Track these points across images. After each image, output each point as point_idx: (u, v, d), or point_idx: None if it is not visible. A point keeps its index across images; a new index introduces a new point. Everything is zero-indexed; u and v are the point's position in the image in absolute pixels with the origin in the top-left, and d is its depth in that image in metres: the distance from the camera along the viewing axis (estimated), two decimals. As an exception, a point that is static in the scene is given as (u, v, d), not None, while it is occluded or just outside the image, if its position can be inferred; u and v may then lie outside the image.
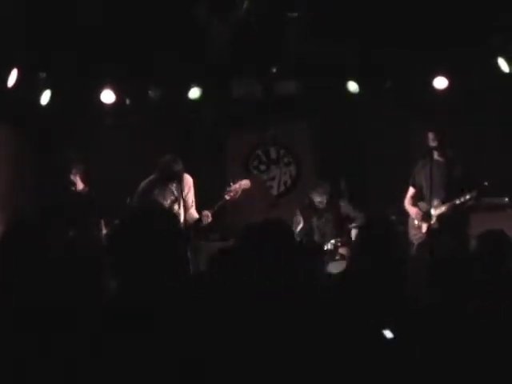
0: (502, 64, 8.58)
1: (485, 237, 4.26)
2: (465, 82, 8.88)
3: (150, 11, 8.14)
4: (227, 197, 7.19)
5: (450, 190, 7.33)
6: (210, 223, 7.17)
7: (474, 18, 8.15)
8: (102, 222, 8.17)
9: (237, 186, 7.26)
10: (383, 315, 3.43)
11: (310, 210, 8.81)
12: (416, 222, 7.66)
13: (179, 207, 7.09)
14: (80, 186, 8.57)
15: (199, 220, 7.09)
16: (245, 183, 7.33)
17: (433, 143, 7.31)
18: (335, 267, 8.20)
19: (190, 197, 7.16)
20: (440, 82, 9.00)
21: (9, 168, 9.77)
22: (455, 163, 7.44)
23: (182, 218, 7.00)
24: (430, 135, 7.33)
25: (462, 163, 7.44)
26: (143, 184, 7.19)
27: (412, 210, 7.69)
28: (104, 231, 8.07)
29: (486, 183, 7.16)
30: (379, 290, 3.60)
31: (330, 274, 8.18)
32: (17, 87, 8.49)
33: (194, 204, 7.16)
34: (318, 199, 8.77)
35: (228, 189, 7.23)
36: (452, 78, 8.92)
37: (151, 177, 7.19)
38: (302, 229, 8.88)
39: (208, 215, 7.05)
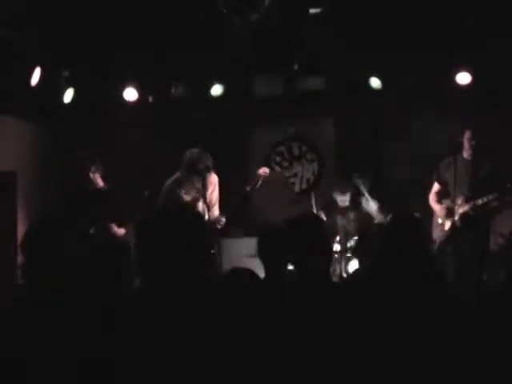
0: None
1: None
2: (488, 79, 8.82)
3: (173, 9, 8.14)
4: (248, 188, 7.16)
5: (474, 189, 7.29)
6: (230, 221, 7.13)
7: (497, 14, 8.10)
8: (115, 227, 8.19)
9: (256, 175, 7.24)
10: (411, 310, 3.42)
11: (333, 208, 8.80)
12: (439, 220, 7.63)
13: (203, 204, 7.06)
14: (100, 184, 8.61)
15: (214, 222, 7.05)
16: (263, 171, 7.29)
17: (468, 142, 7.29)
18: (356, 265, 8.22)
19: (215, 195, 7.14)
20: (463, 78, 8.93)
21: (33, 166, 9.83)
22: (482, 162, 7.40)
23: (206, 216, 6.98)
24: (467, 133, 7.31)
25: (488, 162, 7.40)
26: (169, 181, 7.18)
27: (436, 207, 7.67)
28: (120, 230, 8.10)
29: (508, 185, 7.10)
30: (405, 287, 3.58)
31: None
32: (40, 85, 8.54)
33: (217, 203, 7.14)
34: (341, 198, 8.79)
35: (248, 183, 7.20)
36: (475, 74, 8.85)
37: (177, 174, 7.17)
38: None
39: (220, 220, 7.03)
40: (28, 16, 7.80)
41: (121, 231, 8.01)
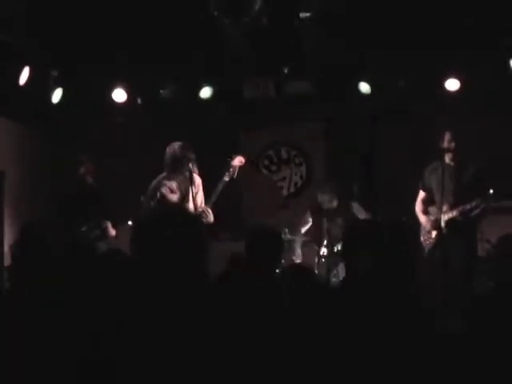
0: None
1: (503, 241, 4.23)
2: (476, 84, 8.85)
3: (163, 10, 8.13)
4: (226, 178, 7.09)
5: (458, 195, 7.24)
6: (217, 220, 7.04)
7: (486, 19, 8.13)
8: (109, 224, 8.18)
9: (233, 163, 7.17)
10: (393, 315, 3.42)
11: (320, 211, 8.72)
12: (426, 229, 7.60)
13: (188, 204, 7.00)
14: (89, 181, 8.61)
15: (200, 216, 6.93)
16: (239, 160, 7.23)
17: (447, 144, 7.22)
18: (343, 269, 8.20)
19: (199, 197, 7.08)
20: (452, 84, 8.96)
21: (21, 166, 9.79)
22: (465, 168, 7.35)
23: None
24: (447, 135, 7.24)
25: (471, 167, 7.36)
26: (154, 182, 7.13)
27: (422, 218, 7.61)
28: (112, 231, 8.09)
29: (491, 191, 7.07)
30: (389, 291, 3.59)
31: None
32: (28, 85, 8.50)
33: (203, 204, 7.08)
34: (324, 198, 8.66)
35: (225, 170, 7.12)
36: (463, 79, 8.89)
37: (162, 174, 7.13)
38: (308, 229, 8.86)
39: (207, 211, 6.89)
40: (17, 16, 7.77)
41: (112, 232, 8.00)
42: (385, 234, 3.81)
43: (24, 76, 8.40)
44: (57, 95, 9.20)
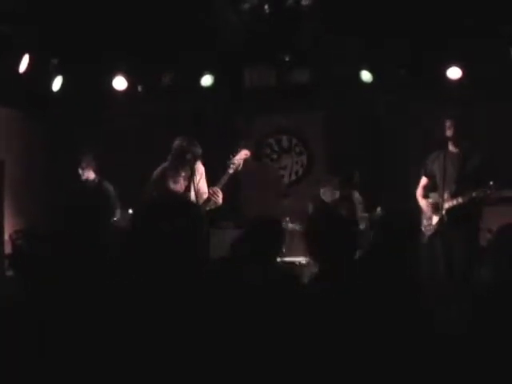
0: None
1: (503, 230, 4.21)
2: (478, 73, 8.82)
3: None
4: (230, 170, 7.08)
5: (460, 183, 7.22)
6: (222, 206, 7.03)
7: (487, 6, 8.09)
8: (119, 211, 8.27)
9: (237, 157, 7.16)
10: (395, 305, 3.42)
11: (322, 203, 8.74)
12: (427, 214, 7.60)
13: (191, 194, 7.00)
14: (91, 176, 8.62)
15: (208, 199, 6.92)
16: (245, 153, 7.23)
17: (449, 132, 7.19)
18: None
19: (202, 185, 7.08)
20: (453, 73, 8.93)
21: (21, 154, 9.77)
22: (469, 156, 7.33)
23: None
24: (448, 123, 7.21)
25: (475, 156, 7.33)
26: (156, 172, 7.11)
27: (422, 202, 7.61)
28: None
29: (491, 182, 7.04)
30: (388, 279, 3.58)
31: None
32: (28, 73, 8.47)
33: (206, 192, 7.08)
34: (327, 193, 8.71)
35: (230, 163, 7.11)
36: (465, 68, 8.85)
37: (164, 164, 7.11)
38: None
39: (217, 190, 6.89)
40: (17, 3, 7.73)
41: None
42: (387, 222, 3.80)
43: (24, 64, 8.37)
44: (57, 83, 9.17)
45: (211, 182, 7.13)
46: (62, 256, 3.08)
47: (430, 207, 7.43)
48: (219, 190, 6.89)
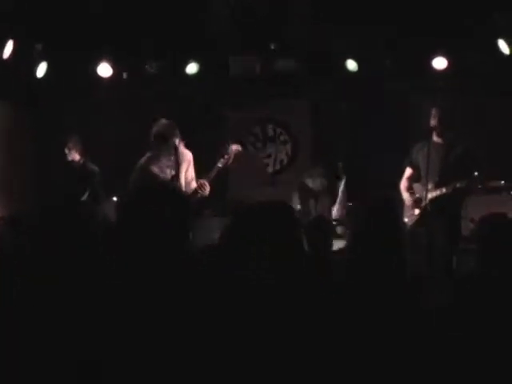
0: (502, 46, 8.52)
1: (486, 220, 4.23)
2: (464, 63, 8.84)
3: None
4: (220, 164, 7.07)
5: (444, 174, 7.23)
6: (207, 196, 7.03)
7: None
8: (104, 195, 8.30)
9: (228, 152, 7.15)
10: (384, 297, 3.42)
11: (307, 193, 8.75)
12: (409, 207, 7.59)
13: (179, 182, 6.97)
14: (76, 157, 8.63)
15: (196, 192, 6.92)
16: (235, 148, 7.21)
17: (433, 121, 7.18)
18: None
19: (191, 172, 7.06)
20: (439, 63, 8.94)
21: (6, 141, 9.70)
22: (453, 146, 7.33)
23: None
24: (433, 111, 7.20)
25: (459, 146, 7.34)
26: (142, 160, 7.05)
27: (405, 195, 7.59)
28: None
29: (475, 173, 7.05)
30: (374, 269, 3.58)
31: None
32: (12, 59, 8.41)
33: (194, 180, 7.06)
34: (313, 185, 8.72)
35: (221, 159, 7.10)
36: (451, 58, 8.87)
37: (148, 153, 7.06)
38: (298, 211, 8.85)
39: (204, 184, 6.88)
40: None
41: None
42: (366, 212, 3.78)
43: (8, 50, 8.31)
44: (41, 69, 9.11)
45: (197, 169, 7.11)
46: (42, 244, 3.05)
47: (412, 201, 7.42)
48: (207, 184, 6.88)
